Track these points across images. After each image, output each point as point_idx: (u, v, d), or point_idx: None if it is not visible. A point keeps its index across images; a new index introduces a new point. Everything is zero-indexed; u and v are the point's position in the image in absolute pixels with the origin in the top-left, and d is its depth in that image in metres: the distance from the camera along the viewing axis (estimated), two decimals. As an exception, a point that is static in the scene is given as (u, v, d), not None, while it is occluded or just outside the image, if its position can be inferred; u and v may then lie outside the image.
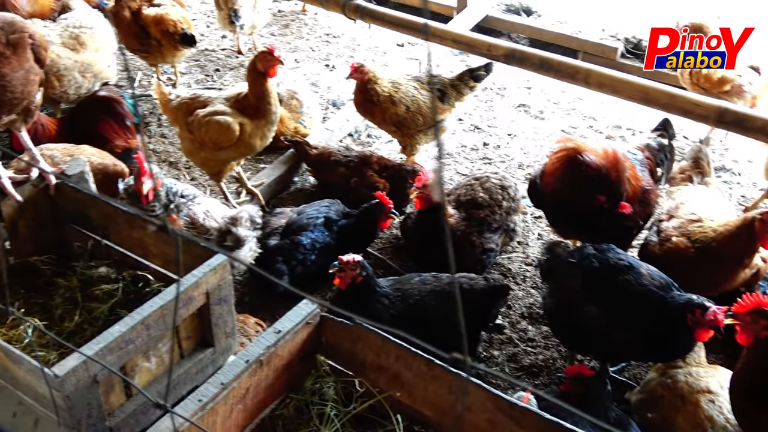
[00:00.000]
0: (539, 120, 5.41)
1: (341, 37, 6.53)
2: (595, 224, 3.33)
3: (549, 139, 5.15)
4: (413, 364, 2.24)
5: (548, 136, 5.21)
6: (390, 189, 4.26)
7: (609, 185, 3.27)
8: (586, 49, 6.20)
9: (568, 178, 3.36)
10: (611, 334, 2.92)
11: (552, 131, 5.26)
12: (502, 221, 3.90)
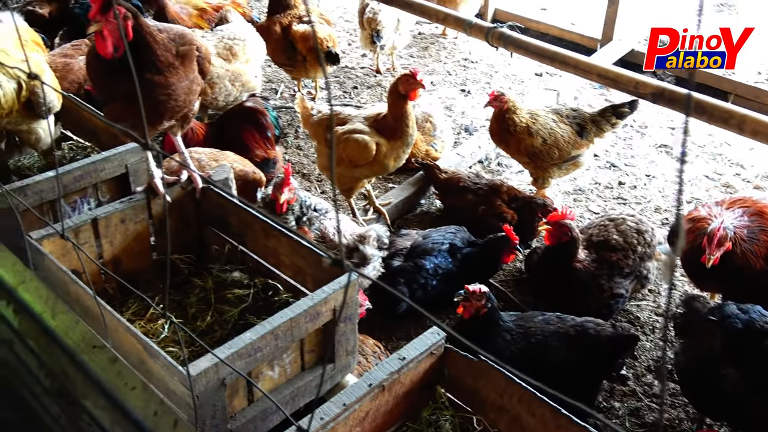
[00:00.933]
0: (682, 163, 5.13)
1: (479, 62, 6.51)
2: (740, 282, 3.11)
3: (691, 185, 4.89)
4: (537, 410, 2.16)
5: (690, 180, 4.94)
6: (518, 221, 4.19)
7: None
8: (738, 91, 5.86)
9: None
10: (751, 401, 2.70)
11: (695, 176, 4.99)
12: (635, 267, 3.73)
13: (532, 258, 3.97)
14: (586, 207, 4.68)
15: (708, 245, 3.07)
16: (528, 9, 7.31)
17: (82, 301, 2.49)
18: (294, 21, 5.32)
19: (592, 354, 3.15)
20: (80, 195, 3.24)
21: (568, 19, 7.07)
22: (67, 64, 4.57)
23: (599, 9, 6.39)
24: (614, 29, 6.27)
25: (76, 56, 4.68)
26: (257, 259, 3.03)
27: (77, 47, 4.76)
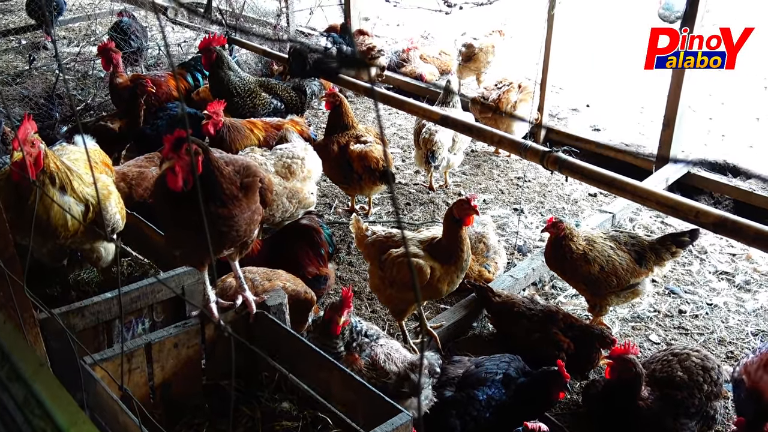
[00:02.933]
0: (745, 292, 4.95)
1: (532, 182, 6.54)
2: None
3: (756, 316, 4.68)
4: None
5: (755, 311, 4.74)
6: (575, 350, 4.05)
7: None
8: (802, 217, 5.69)
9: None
10: None
11: (760, 306, 4.78)
12: (701, 406, 3.53)
13: (590, 391, 3.80)
14: (645, 336, 4.51)
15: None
16: (581, 129, 7.38)
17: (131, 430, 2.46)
18: (351, 141, 5.47)
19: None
20: (136, 315, 3.27)
21: (621, 140, 7.10)
22: (141, 173, 4.88)
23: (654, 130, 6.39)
24: (670, 151, 6.25)
25: (149, 167, 5.00)
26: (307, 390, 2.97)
27: (150, 159, 5.13)
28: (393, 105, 6.70)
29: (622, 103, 8.07)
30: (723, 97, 8.01)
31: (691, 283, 5.05)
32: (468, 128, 5.28)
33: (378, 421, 2.49)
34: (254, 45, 7.27)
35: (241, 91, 6.07)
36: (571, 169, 4.38)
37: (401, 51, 8.94)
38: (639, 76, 7.48)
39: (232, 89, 6.03)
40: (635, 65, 9.06)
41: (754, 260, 5.31)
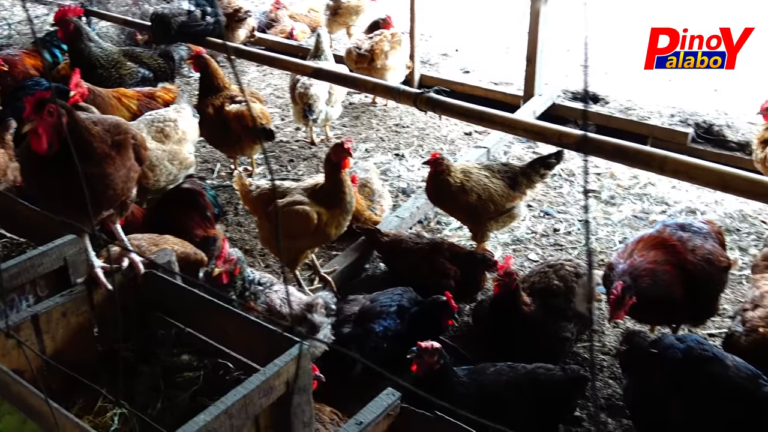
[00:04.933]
0: (611, 205, 5.37)
1: (410, 127, 6.73)
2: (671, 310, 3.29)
3: (621, 225, 5.10)
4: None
5: (620, 221, 5.16)
6: (461, 276, 4.28)
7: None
8: (655, 134, 6.19)
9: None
10: (697, 428, 2.79)
11: (624, 217, 5.21)
12: (577, 309, 3.84)
13: (480, 311, 4.05)
14: (525, 256, 4.83)
15: (610, 309, 3.32)
16: (452, 73, 7.63)
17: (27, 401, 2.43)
18: (226, 102, 5.42)
19: (544, 399, 3.21)
20: (18, 292, 3.18)
21: (490, 80, 7.40)
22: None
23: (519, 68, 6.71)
24: (534, 86, 6.59)
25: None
26: (206, 340, 3.01)
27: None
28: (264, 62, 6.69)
29: (489, 45, 8.38)
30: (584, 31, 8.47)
31: (563, 204, 5.42)
32: (342, 79, 5.38)
33: (278, 356, 2.57)
34: (113, 15, 6.99)
35: (104, 62, 5.84)
36: (443, 108, 4.57)
37: (268, 11, 8.84)
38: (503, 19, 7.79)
39: (94, 61, 5.78)
40: (498, 8, 9.41)
41: (617, 177, 5.76)
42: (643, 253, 3.57)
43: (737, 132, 6.11)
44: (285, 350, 2.58)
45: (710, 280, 3.59)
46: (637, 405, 3.07)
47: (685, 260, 3.52)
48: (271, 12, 8.83)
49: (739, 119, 6.23)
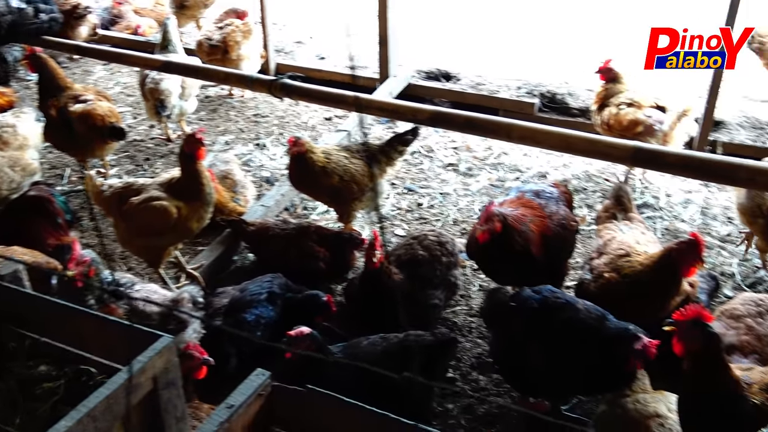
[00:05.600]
0: (469, 177, 5.60)
1: (269, 116, 6.68)
2: (526, 267, 3.48)
3: (480, 194, 5.34)
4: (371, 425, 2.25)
5: (479, 191, 5.40)
6: (331, 257, 4.32)
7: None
8: (505, 107, 6.50)
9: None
10: (555, 371, 2.99)
11: (482, 186, 5.45)
12: (443, 276, 3.98)
13: (351, 289, 4.10)
14: (392, 233, 4.94)
15: (480, 221, 3.48)
16: (307, 60, 7.62)
17: None
18: (69, 102, 5.13)
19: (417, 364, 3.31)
20: None
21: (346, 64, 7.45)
22: None
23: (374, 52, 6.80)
24: (389, 68, 6.72)
25: None
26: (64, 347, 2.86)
27: None
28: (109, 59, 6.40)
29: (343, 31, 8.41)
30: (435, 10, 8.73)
31: (424, 179, 5.59)
32: (194, 71, 5.22)
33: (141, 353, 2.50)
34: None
35: (-74, 68, 5.36)
36: (298, 93, 4.56)
37: (110, 7, 8.44)
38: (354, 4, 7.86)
39: None
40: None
41: (472, 149, 6.00)
42: (512, 208, 3.74)
43: (578, 99, 6.54)
44: (149, 343, 2.51)
45: (564, 244, 3.83)
46: (501, 356, 3.25)
47: (545, 226, 3.72)
48: (114, 8, 8.43)
49: (579, 87, 6.66)
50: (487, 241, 3.47)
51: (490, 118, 4.52)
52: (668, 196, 5.32)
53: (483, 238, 3.46)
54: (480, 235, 3.48)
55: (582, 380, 3.04)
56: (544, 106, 6.54)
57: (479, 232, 3.48)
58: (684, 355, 2.73)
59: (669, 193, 5.35)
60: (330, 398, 2.29)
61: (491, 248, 3.52)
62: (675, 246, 3.25)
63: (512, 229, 3.49)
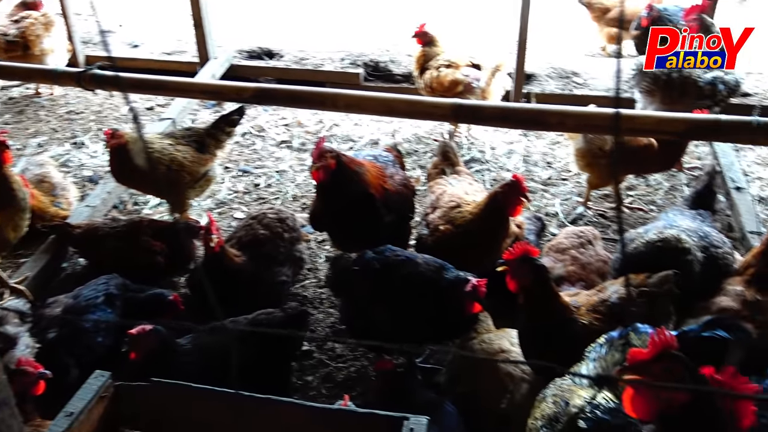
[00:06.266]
0: (303, 152, 5.59)
1: (85, 112, 6.26)
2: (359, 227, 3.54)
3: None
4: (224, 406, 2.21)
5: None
6: (169, 250, 4.15)
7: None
8: (331, 79, 6.53)
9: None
10: (402, 326, 3.09)
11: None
12: (288, 252, 3.96)
13: (194, 278, 3.97)
14: (231, 217, 4.83)
15: (313, 159, 3.52)
16: (119, 49, 7.21)
17: None
18: None
19: (271, 342, 3.28)
20: None
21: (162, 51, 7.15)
22: None
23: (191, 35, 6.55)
24: (208, 50, 6.51)
25: None
26: None
27: None
28: None
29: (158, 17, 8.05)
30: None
31: (258, 159, 5.51)
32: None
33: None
34: None
35: None
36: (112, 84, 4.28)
37: None
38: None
39: None
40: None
41: (304, 124, 5.99)
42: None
43: (400, 65, 6.71)
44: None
45: (406, 204, 3.93)
46: (352, 321, 3.30)
47: (388, 185, 3.79)
48: None
49: (400, 54, 6.84)
50: (324, 180, 3.48)
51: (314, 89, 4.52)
52: (493, 149, 5.62)
53: (318, 176, 3.48)
54: (315, 174, 3.48)
55: (429, 331, 3.16)
56: (369, 75, 6.65)
57: (314, 170, 3.48)
58: (518, 291, 2.92)
59: (493, 146, 5.65)
60: (177, 387, 2.23)
61: (330, 192, 3.54)
62: (499, 189, 3.44)
63: (347, 167, 3.52)
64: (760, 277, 3.11)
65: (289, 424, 2.15)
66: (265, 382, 3.05)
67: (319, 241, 4.55)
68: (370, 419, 2.06)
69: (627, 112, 4.52)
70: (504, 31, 6.64)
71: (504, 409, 2.97)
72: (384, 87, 6.44)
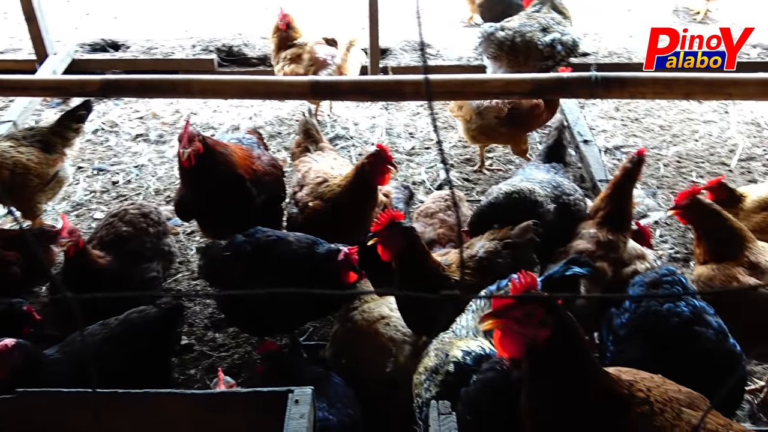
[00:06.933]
0: (162, 144, 5.39)
1: None
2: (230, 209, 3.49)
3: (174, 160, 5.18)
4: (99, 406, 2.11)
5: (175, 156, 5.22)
6: (25, 259, 3.87)
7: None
8: (184, 67, 6.31)
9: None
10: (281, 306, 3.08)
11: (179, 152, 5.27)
12: (156, 247, 3.82)
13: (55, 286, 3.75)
14: (91, 218, 4.59)
15: (180, 142, 3.45)
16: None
17: None
18: None
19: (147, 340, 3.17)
20: None
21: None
22: None
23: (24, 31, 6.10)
24: (45, 45, 6.10)
25: None
26: None
27: None
28: None
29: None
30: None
31: (114, 156, 5.25)
32: None
33: None
34: None
35: None
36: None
37: None
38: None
39: None
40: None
41: (159, 116, 5.77)
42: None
43: (254, 48, 6.60)
44: None
45: (277, 184, 3.88)
46: (230, 308, 3.25)
47: (257, 166, 3.72)
48: None
49: (254, 36, 6.72)
50: (194, 166, 3.39)
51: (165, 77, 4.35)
52: (356, 124, 5.67)
53: (188, 162, 3.38)
54: (185, 161, 3.38)
55: (309, 307, 3.17)
56: (224, 61, 6.49)
57: (183, 156, 3.38)
58: (392, 258, 2.98)
59: (356, 122, 5.70)
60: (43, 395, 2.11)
61: (198, 177, 3.47)
62: (365, 160, 3.47)
63: (213, 150, 3.45)
64: (609, 218, 3.35)
65: (171, 416, 2.09)
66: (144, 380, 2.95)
67: (188, 232, 4.43)
68: (254, 397, 2.05)
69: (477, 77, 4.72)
70: (357, 7, 6.69)
71: (389, 373, 3.04)
72: (240, 71, 6.32)
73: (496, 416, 2.09)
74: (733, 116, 5.84)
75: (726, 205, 3.85)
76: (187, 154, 3.37)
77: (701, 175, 4.97)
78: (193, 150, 3.38)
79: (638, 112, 5.91)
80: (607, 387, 1.74)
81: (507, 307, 1.77)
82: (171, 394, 2.08)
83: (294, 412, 1.97)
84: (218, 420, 2.11)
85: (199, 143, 3.41)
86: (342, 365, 3.16)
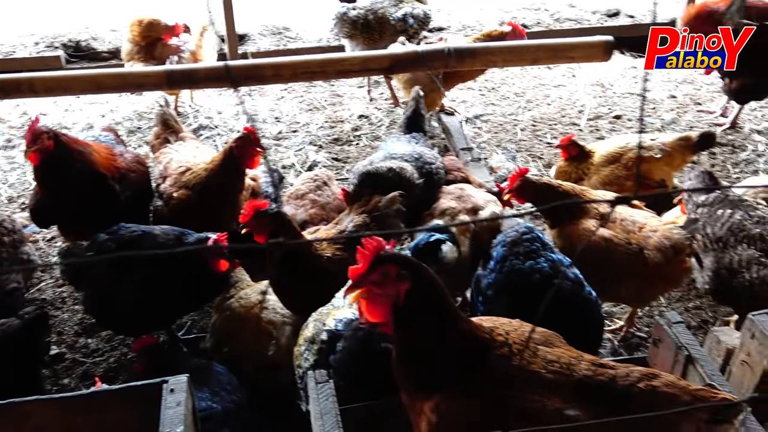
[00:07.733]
0: (11, 149, 5.06)
1: None
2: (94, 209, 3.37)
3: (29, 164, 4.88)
4: None
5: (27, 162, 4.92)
6: None
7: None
8: (28, 66, 5.91)
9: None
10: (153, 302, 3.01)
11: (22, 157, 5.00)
12: (12, 257, 3.61)
13: None
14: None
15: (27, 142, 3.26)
16: None
17: None
18: None
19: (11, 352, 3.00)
20: None
21: None
22: None
23: None
24: None
25: None
26: None
27: None
28: None
29: None
30: None
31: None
32: None
33: None
34: None
35: None
36: None
37: None
38: None
39: None
40: None
41: (5, 119, 5.41)
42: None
43: (104, 42, 6.31)
44: None
45: (143, 180, 3.74)
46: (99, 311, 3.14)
47: (121, 164, 3.57)
48: None
49: (102, 30, 6.42)
50: (43, 164, 3.23)
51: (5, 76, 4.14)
52: (220, 113, 5.57)
53: (35, 159, 3.21)
54: (32, 157, 3.21)
55: (183, 299, 3.11)
56: (71, 57, 6.16)
57: (28, 154, 3.20)
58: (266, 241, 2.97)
59: (220, 111, 5.60)
60: None
61: (54, 177, 3.31)
62: (234, 143, 3.42)
63: (68, 147, 3.30)
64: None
65: (42, 424, 2.01)
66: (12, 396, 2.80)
67: (48, 239, 4.21)
68: (127, 393, 2.00)
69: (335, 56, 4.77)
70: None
71: (272, 356, 3.04)
72: (91, 67, 6.02)
73: (365, 377, 2.17)
74: (580, 79, 6.23)
75: (578, 161, 4.15)
76: (32, 151, 3.19)
77: (555, 136, 5.27)
78: (39, 147, 3.20)
79: (494, 82, 6.18)
80: (468, 331, 1.83)
81: (363, 275, 1.82)
82: (39, 400, 1.99)
83: (170, 401, 1.95)
84: (94, 421, 2.04)
85: (49, 141, 3.24)
86: (224, 354, 3.13)
